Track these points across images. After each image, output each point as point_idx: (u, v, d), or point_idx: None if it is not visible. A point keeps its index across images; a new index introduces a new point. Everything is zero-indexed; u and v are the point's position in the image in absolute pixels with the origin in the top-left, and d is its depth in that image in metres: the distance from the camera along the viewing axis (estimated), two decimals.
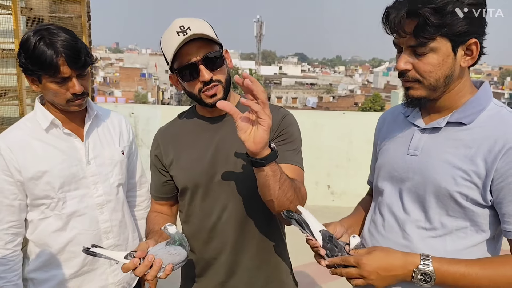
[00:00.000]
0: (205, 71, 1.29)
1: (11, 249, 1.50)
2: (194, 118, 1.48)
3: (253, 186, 1.34)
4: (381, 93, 50.17)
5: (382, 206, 1.31)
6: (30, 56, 1.36)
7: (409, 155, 1.24)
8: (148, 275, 1.19)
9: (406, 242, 1.21)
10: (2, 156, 1.44)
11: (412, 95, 1.18)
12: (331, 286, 3.60)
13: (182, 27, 1.27)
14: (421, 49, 1.10)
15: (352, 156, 5.59)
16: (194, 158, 1.41)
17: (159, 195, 1.54)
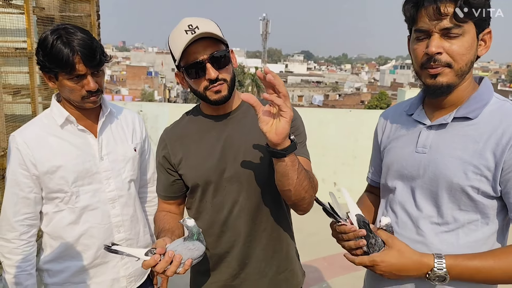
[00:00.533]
0: (211, 69, 1.32)
1: (26, 239, 1.56)
2: (199, 117, 1.50)
3: (262, 180, 1.42)
4: (388, 91, 49.91)
5: (394, 204, 1.33)
6: (48, 54, 1.41)
7: (417, 152, 1.25)
8: (168, 271, 1.20)
9: (420, 238, 1.23)
10: (19, 151, 1.50)
11: (441, 82, 1.15)
12: (336, 281, 3.63)
13: (190, 26, 1.30)
14: (456, 30, 1.10)
15: (358, 154, 5.61)
16: (203, 155, 1.44)
17: (167, 194, 1.55)
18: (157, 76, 57.40)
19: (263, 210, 1.45)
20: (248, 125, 1.44)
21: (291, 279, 1.56)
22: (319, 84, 66.62)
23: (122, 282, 1.70)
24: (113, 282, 1.68)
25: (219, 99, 1.37)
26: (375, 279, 1.36)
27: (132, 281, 1.73)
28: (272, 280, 1.51)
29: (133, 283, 1.73)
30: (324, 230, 4.61)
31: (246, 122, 1.45)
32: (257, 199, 1.44)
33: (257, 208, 1.44)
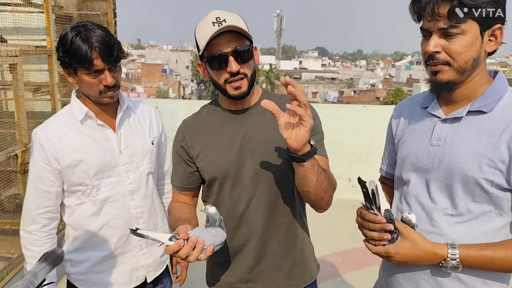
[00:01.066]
0: (233, 62, 1.34)
1: (47, 232, 1.62)
2: (218, 110, 1.52)
3: (280, 175, 1.45)
4: (403, 87, 49.35)
5: (408, 196, 1.34)
6: (67, 50, 1.46)
7: (432, 145, 1.26)
8: (190, 257, 1.21)
9: (434, 229, 1.25)
10: (41, 146, 1.55)
11: (441, 79, 1.20)
12: (350, 276, 3.64)
13: (218, 19, 1.32)
14: (453, 30, 1.13)
15: (373, 150, 5.58)
16: (221, 149, 1.45)
17: (184, 185, 1.57)
18: (171, 74, 57.82)
19: (280, 205, 1.47)
20: (267, 121, 1.45)
21: (304, 273, 1.58)
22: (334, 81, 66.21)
23: (141, 271, 1.75)
24: (132, 271, 1.72)
25: (238, 95, 1.39)
26: (390, 268, 1.39)
27: (151, 271, 1.78)
28: (287, 274, 1.53)
29: (151, 273, 1.78)
30: (339, 226, 4.64)
31: (265, 117, 1.46)
32: (274, 194, 1.46)
33: (274, 203, 1.46)
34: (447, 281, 1.24)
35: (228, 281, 1.56)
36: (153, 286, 1.83)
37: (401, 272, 1.33)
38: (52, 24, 3.26)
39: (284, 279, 1.53)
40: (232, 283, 1.55)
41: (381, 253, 1.24)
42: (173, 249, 1.20)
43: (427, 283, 1.27)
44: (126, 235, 1.68)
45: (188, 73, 62.10)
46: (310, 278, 1.60)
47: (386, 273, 1.42)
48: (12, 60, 2.81)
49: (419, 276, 1.28)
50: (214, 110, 1.53)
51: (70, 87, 3.86)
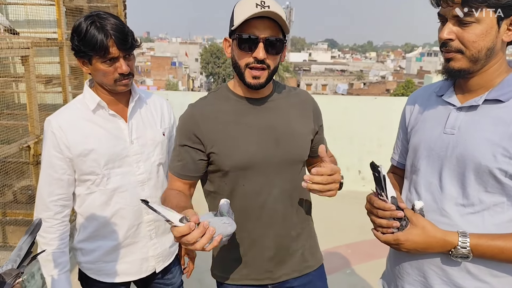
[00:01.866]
0: (262, 49, 1.32)
1: (60, 219, 1.64)
2: (232, 97, 1.48)
3: (300, 164, 1.52)
4: (414, 79, 48.83)
5: (418, 185, 1.33)
6: (83, 39, 1.47)
7: (446, 133, 1.25)
8: (197, 244, 1.12)
9: (444, 219, 1.23)
10: (54, 134, 1.57)
11: (453, 66, 1.19)
12: (360, 268, 3.64)
13: (262, 2, 1.30)
14: (467, 18, 1.11)
15: (384, 142, 5.55)
16: (241, 138, 1.42)
17: (186, 173, 1.48)
18: (181, 67, 57.87)
19: (299, 193, 1.52)
20: (286, 111, 1.49)
21: (315, 253, 1.63)
22: (344, 73, 65.73)
23: (151, 261, 1.76)
24: (142, 261, 1.74)
25: (254, 85, 1.38)
26: (398, 258, 1.38)
27: (160, 261, 1.79)
28: (301, 257, 1.56)
29: (161, 263, 1.80)
30: (347, 217, 4.65)
31: (283, 107, 1.49)
32: (294, 182, 1.48)
33: (294, 191, 1.49)
34: (456, 272, 1.22)
35: (245, 273, 1.53)
36: (162, 276, 1.85)
37: (408, 262, 1.32)
38: (63, 16, 3.27)
39: (300, 263, 1.56)
40: (250, 275, 1.53)
41: (390, 241, 1.23)
42: (182, 231, 1.10)
43: (435, 273, 1.26)
44: (135, 225, 1.69)
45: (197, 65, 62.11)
46: (320, 258, 1.65)
47: (394, 263, 1.41)
48: (24, 52, 2.83)
49: (427, 266, 1.27)
50: (227, 97, 1.48)
51: (81, 79, 3.88)
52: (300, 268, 1.56)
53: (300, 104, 1.54)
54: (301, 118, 1.51)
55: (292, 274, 1.55)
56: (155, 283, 1.86)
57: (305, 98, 1.57)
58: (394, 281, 1.41)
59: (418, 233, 1.19)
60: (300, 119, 1.51)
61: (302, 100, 1.55)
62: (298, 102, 1.54)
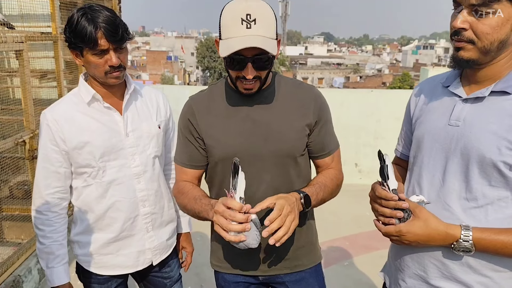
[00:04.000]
0: (250, 69, 1.31)
1: (57, 212, 1.64)
2: (228, 91, 1.48)
3: (292, 160, 1.46)
4: (410, 72, 48.86)
5: (421, 178, 1.31)
6: (73, 30, 1.47)
7: (450, 125, 1.22)
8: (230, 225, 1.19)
9: (447, 213, 1.21)
10: (49, 127, 1.56)
11: (462, 56, 1.15)
12: (358, 260, 3.66)
13: (248, 16, 1.25)
14: (484, 8, 1.08)
15: (380, 135, 5.56)
16: (231, 131, 1.43)
17: (193, 163, 1.51)
18: (176, 61, 57.64)
19: (289, 189, 1.44)
20: (281, 105, 1.45)
21: (311, 253, 1.59)
22: (340, 66, 65.68)
23: (148, 254, 1.76)
24: (139, 254, 1.74)
25: (246, 94, 1.39)
26: (399, 251, 1.37)
27: (157, 254, 1.79)
28: (294, 254, 1.54)
29: (157, 256, 1.80)
30: (345, 210, 4.65)
31: (277, 101, 1.46)
32: (285, 179, 1.45)
33: (284, 187, 1.44)
34: (456, 266, 1.21)
35: (236, 264, 1.56)
36: (159, 269, 1.85)
37: (409, 255, 1.32)
38: (57, 10, 3.24)
39: (292, 261, 1.54)
40: (241, 266, 1.55)
41: (392, 233, 1.21)
42: (234, 205, 1.20)
43: (436, 267, 1.25)
44: (132, 218, 1.69)
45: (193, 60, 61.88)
46: (317, 257, 1.62)
47: (394, 256, 1.41)
48: (18, 46, 2.80)
49: (427, 259, 1.26)
50: (224, 90, 1.49)
51: (76, 74, 3.86)
52: (290, 266, 1.55)
53: (299, 98, 1.48)
54: (297, 113, 1.46)
55: (283, 270, 1.55)
56: (152, 276, 1.86)
57: (307, 91, 1.50)
58: (394, 274, 1.41)
59: (420, 225, 1.18)
60: (296, 114, 1.46)
61: (302, 94, 1.49)
62: (297, 96, 1.48)
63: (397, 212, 1.19)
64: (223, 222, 1.21)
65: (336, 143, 1.57)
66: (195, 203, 1.41)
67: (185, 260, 2.02)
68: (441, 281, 1.25)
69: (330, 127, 1.54)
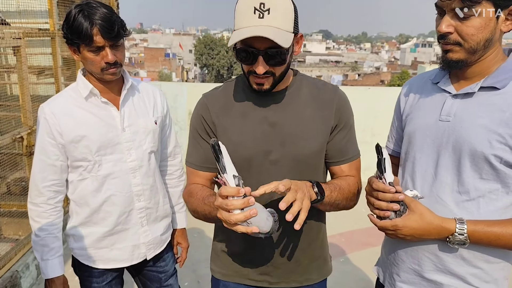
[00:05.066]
0: (261, 63, 1.22)
1: (53, 204, 1.66)
2: (245, 89, 1.39)
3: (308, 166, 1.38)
4: (409, 70, 48.90)
5: (413, 173, 1.33)
6: (70, 27, 1.48)
7: (441, 121, 1.25)
8: (233, 215, 1.06)
9: (440, 207, 1.24)
10: (46, 121, 1.58)
11: (451, 57, 1.19)
12: (354, 256, 3.68)
13: (262, 6, 1.17)
14: (466, 11, 1.11)
15: (377, 132, 5.58)
16: (247, 132, 1.35)
17: (206, 164, 1.40)
18: (174, 58, 57.56)
19: None
20: (300, 107, 1.37)
21: (322, 267, 1.54)
22: (338, 64, 65.70)
23: (142, 248, 1.78)
24: (133, 248, 1.76)
25: (258, 90, 1.30)
26: (393, 245, 1.39)
27: (151, 248, 1.81)
28: (305, 269, 1.48)
29: (152, 250, 1.81)
30: None
31: (299, 103, 1.38)
32: None
33: None
34: (450, 258, 1.24)
35: (243, 273, 1.48)
36: (154, 264, 1.87)
37: (403, 249, 1.34)
38: (54, 6, 3.24)
39: (302, 274, 1.47)
40: (248, 275, 1.47)
41: (388, 227, 1.23)
42: (229, 192, 1.07)
43: (430, 260, 1.27)
44: (127, 212, 1.71)
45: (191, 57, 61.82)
46: (327, 271, 1.56)
47: (388, 250, 1.43)
48: (15, 42, 2.81)
49: (421, 253, 1.29)
50: (240, 88, 1.41)
51: (73, 70, 3.86)
52: (300, 279, 1.47)
53: (321, 100, 1.39)
54: (318, 116, 1.37)
55: (291, 284, 1.47)
56: (147, 270, 1.88)
57: (330, 93, 1.41)
58: (389, 269, 1.42)
59: (416, 219, 1.20)
60: (317, 117, 1.37)
61: (324, 96, 1.40)
62: (319, 97, 1.39)
63: (393, 205, 1.21)
64: (225, 216, 1.08)
65: (356, 151, 1.45)
66: (204, 204, 1.31)
67: (180, 256, 2.04)
68: (436, 275, 1.28)
69: (351, 132, 1.44)
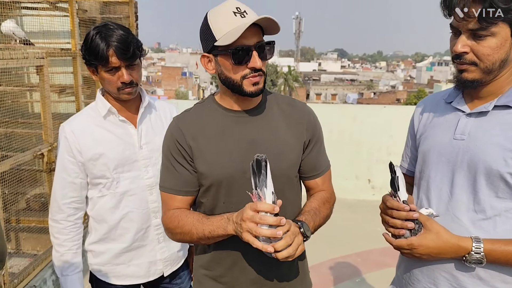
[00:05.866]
0: (257, 57, 1.25)
1: (73, 221, 1.69)
2: (218, 110, 1.38)
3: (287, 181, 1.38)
4: (425, 88, 48.57)
5: (429, 192, 1.33)
6: (88, 48, 1.55)
7: (456, 139, 1.25)
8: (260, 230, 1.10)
9: (456, 226, 1.23)
10: (66, 139, 1.63)
11: (466, 77, 1.20)
12: (370, 277, 3.62)
13: (238, 9, 1.24)
14: (482, 32, 1.12)
15: (393, 151, 5.53)
16: (225, 153, 1.33)
17: (185, 188, 1.36)
18: (191, 77, 58.36)
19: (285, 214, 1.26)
20: (273, 124, 1.38)
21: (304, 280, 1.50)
22: (353, 82, 65.65)
23: (159, 265, 1.79)
24: (150, 264, 1.77)
25: (255, 92, 1.29)
26: (408, 264, 1.37)
27: (168, 265, 1.82)
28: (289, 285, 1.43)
29: (169, 267, 1.82)
30: (357, 226, 4.61)
31: (270, 119, 1.39)
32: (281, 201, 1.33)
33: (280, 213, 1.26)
34: (466, 278, 1.22)
35: None
36: (170, 281, 1.87)
37: (419, 268, 1.32)
38: (76, 27, 3.35)
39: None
40: None
41: (404, 246, 1.22)
42: (264, 207, 1.11)
43: (446, 279, 1.25)
44: (144, 229, 1.73)
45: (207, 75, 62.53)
46: (309, 284, 1.53)
47: (404, 270, 1.41)
48: (39, 62, 2.90)
49: (437, 272, 1.27)
50: (212, 109, 1.39)
51: (93, 89, 3.96)
52: None
53: (292, 115, 1.42)
54: (291, 131, 1.39)
55: None
56: (163, 287, 1.88)
57: (300, 109, 1.44)
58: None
59: (432, 238, 1.19)
60: (290, 132, 1.39)
61: (295, 111, 1.43)
62: (291, 113, 1.42)
63: (408, 223, 1.20)
64: (252, 227, 1.11)
65: (327, 163, 1.49)
66: (203, 224, 1.27)
67: None
68: None
69: (321, 145, 1.48)
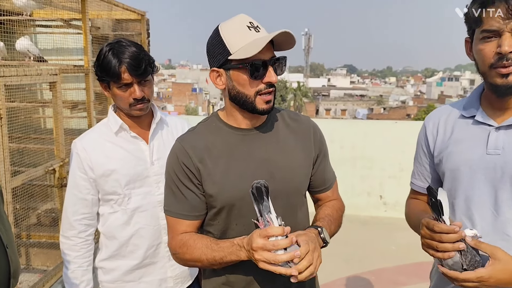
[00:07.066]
0: (273, 72, 1.24)
1: (84, 238, 1.68)
2: (223, 129, 1.35)
3: (298, 197, 1.38)
4: (435, 103, 48.31)
5: (469, 211, 1.28)
6: (100, 64, 1.56)
7: (489, 154, 1.23)
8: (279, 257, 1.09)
9: (505, 244, 1.17)
10: (78, 155, 1.63)
11: None
12: None
13: (251, 23, 1.24)
14: None
15: (405, 166, 5.46)
16: (235, 173, 1.29)
17: (192, 213, 1.32)
18: (201, 93, 58.87)
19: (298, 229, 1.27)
20: (282, 139, 1.37)
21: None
22: (363, 98, 65.60)
23: (169, 282, 1.77)
24: (160, 282, 1.75)
25: (266, 110, 1.28)
26: None
27: (179, 283, 1.79)
28: None
29: (179, 285, 1.80)
30: (370, 243, 4.53)
31: (279, 136, 1.37)
32: (292, 218, 1.33)
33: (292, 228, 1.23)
34: None
35: None
36: None
37: None
38: (89, 44, 3.39)
39: None
40: None
41: (473, 280, 1.11)
42: (275, 232, 1.10)
43: None
44: (155, 246, 1.71)
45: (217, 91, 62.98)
46: None
47: None
48: (52, 78, 2.94)
49: None
50: (217, 128, 1.35)
51: (105, 105, 3.99)
52: None
53: (299, 130, 1.41)
54: (299, 146, 1.38)
55: None
56: None
57: (305, 123, 1.43)
58: None
59: (501, 268, 1.11)
60: (299, 147, 1.38)
61: (301, 126, 1.42)
62: (297, 128, 1.41)
63: (459, 244, 1.12)
64: (268, 257, 1.09)
65: (333, 174, 1.52)
66: (212, 250, 1.25)
67: None
68: None
69: (328, 158, 1.49)
